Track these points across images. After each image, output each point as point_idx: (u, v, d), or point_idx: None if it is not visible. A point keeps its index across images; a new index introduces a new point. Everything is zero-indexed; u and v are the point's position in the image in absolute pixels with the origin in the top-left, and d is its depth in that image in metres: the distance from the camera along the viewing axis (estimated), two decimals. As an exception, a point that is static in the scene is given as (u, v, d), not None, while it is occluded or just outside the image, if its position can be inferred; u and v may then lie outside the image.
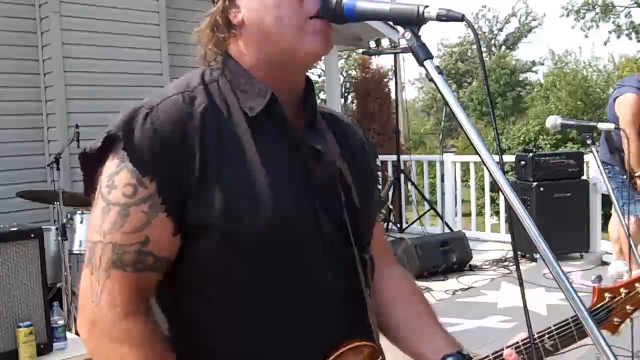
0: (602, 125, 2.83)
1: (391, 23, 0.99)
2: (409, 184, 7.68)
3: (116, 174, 0.95)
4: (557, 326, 1.16)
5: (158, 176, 0.93)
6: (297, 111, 1.06)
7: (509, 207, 0.92)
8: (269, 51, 1.01)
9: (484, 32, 31.82)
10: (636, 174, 4.16)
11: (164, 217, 0.94)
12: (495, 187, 7.11)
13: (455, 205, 7.34)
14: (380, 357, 1.06)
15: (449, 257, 5.44)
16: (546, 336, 1.14)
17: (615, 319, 1.17)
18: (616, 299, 1.16)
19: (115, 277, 0.94)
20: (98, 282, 0.94)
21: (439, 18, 0.94)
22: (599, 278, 1.18)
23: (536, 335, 1.15)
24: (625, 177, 4.32)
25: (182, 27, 6.34)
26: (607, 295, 1.17)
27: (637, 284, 1.18)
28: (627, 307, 1.16)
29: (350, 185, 1.08)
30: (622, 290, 1.17)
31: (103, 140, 0.96)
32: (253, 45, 1.02)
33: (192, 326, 1.01)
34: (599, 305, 1.17)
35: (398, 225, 7.45)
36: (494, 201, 8.42)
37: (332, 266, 1.03)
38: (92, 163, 0.98)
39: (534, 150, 11.14)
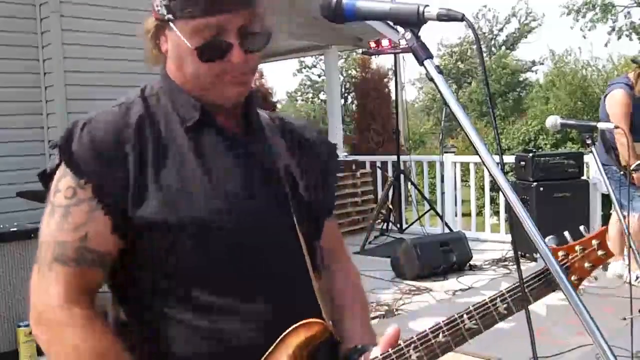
0: (602, 125, 2.83)
1: (391, 23, 0.99)
2: (409, 184, 7.68)
3: (60, 180, 1.07)
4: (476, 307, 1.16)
5: (94, 179, 1.04)
6: (237, 118, 1.17)
7: (508, 207, 0.92)
8: (190, 84, 1.11)
9: (484, 32, 31.83)
10: (632, 167, 4.14)
11: (101, 215, 1.04)
12: (495, 187, 7.11)
13: (455, 206, 7.34)
14: (329, 333, 1.12)
15: (449, 257, 5.44)
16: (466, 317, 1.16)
17: (573, 277, 1.17)
18: (571, 257, 1.17)
19: (58, 271, 1.03)
20: (43, 276, 1.04)
21: (439, 18, 0.94)
22: (554, 239, 1.19)
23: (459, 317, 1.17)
24: (622, 173, 4.33)
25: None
26: (560, 253, 1.17)
27: (593, 241, 1.18)
28: (586, 264, 1.16)
29: (297, 179, 1.17)
30: (577, 247, 1.17)
31: (55, 151, 1.07)
32: (179, 73, 1.12)
33: (151, 319, 1.08)
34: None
35: (398, 225, 7.45)
36: (493, 201, 8.43)
37: (278, 252, 1.11)
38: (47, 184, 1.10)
39: (534, 150, 11.13)
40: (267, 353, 1.07)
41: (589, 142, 2.54)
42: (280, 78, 54.22)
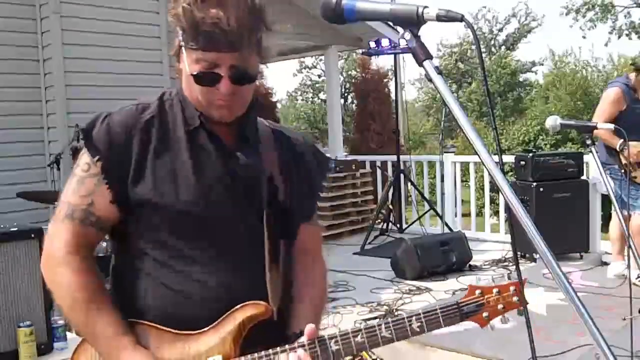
0: (601, 125, 2.83)
1: (391, 23, 0.99)
2: (409, 184, 7.68)
3: (82, 156, 1.36)
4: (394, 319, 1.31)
5: (103, 160, 1.33)
6: (234, 129, 1.40)
7: (508, 208, 0.92)
8: (193, 100, 1.36)
9: (484, 33, 31.81)
10: (618, 147, 4.12)
11: (105, 188, 1.33)
12: (495, 187, 7.10)
13: (455, 206, 7.34)
14: (270, 315, 1.34)
15: (448, 257, 5.43)
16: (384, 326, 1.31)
17: (484, 314, 1.30)
18: (487, 297, 1.30)
19: (67, 225, 1.34)
20: (55, 228, 1.36)
21: (439, 18, 0.94)
22: (478, 280, 1.33)
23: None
24: (623, 171, 4.33)
25: (182, 27, 6.34)
26: (477, 291, 1.31)
27: (511, 287, 1.31)
28: (499, 306, 1.29)
29: (277, 185, 1.41)
30: (494, 290, 1.31)
31: (81, 135, 1.38)
32: (186, 89, 1.38)
33: (133, 278, 1.37)
34: (469, 298, 1.30)
35: (398, 225, 7.45)
36: (493, 201, 8.42)
37: (239, 242, 1.37)
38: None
39: (534, 150, 11.13)
40: (218, 320, 1.32)
41: (589, 142, 2.55)
42: (281, 78, 54.21)
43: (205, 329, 1.32)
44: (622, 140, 3.91)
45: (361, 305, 4.58)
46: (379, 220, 7.35)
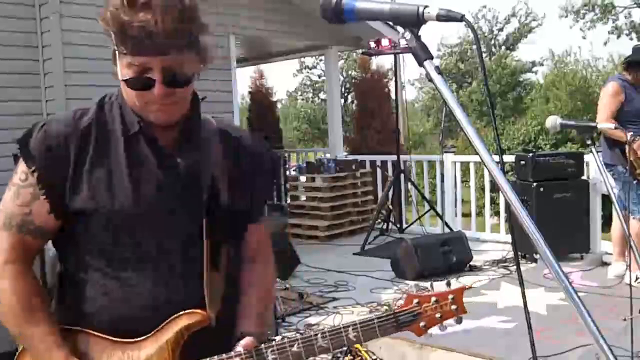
0: (601, 125, 2.83)
1: (391, 23, 0.99)
2: (409, 184, 7.67)
3: (19, 165, 1.36)
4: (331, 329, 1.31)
5: (40, 170, 1.32)
6: (175, 132, 1.38)
7: (509, 208, 0.92)
8: (131, 104, 1.35)
9: (484, 33, 31.80)
10: (629, 140, 4.11)
11: (42, 198, 1.32)
12: (495, 187, 7.11)
13: (455, 206, 7.34)
14: (208, 322, 1.35)
15: (448, 257, 5.43)
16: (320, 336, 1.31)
17: (421, 324, 1.28)
18: (424, 306, 1.28)
19: (4, 234, 1.34)
20: None
21: (439, 18, 0.94)
22: (416, 287, 1.31)
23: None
24: (627, 169, 4.33)
25: (182, 27, 6.33)
26: (415, 301, 1.29)
27: (450, 296, 1.29)
28: (437, 315, 1.27)
29: (219, 187, 1.39)
30: (432, 299, 1.28)
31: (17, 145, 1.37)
32: (122, 94, 1.37)
33: (73, 284, 1.38)
34: (406, 308, 1.28)
35: (398, 225, 7.45)
36: (493, 201, 8.42)
37: (175, 247, 1.35)
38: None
39: (534, 150, 11.12)
40: (158, 328, 1.32)
41: (589, 142, 2.54)
42: (281, 78, 54.20)
43: (145, 337, 1.33)
44: (631, 132, 3.91)
45: (361, 305, 4.58)
46: (379, 220, 7.35)
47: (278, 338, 1.34)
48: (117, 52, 1.31)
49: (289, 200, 8.89)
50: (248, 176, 1.46)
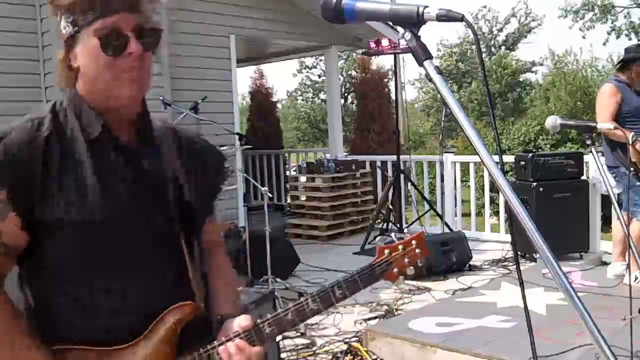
0: (601, 125, 2.83)
1: (391, 23, 0.99)
2: (409, 184, 7.68)
3: None
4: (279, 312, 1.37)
5: (6, 186, 1.23)
6: (133, 131, 1.36)
7: (508, 208, 0.92)
8: (96, 93, 1.29)
9: (484, 33, 31.81)
10: (630, 141, 4.10)
11: (13, 215, 1.24)
12: (495, 187, 7.11)
13: (455, 206, 7.34)
14: (199, 312, 1.37)
15: (448, 257, 5.43)
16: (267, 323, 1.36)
17: (394, 270, 1.40)
18: (394, 254, 1.39)
19: None
20: None
21: (439, 18, 0.94)
22: (382, 240, 1.45)
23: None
24: (633, 170, 4.33)
25: (182, 27, 6.34)
26: (386, 251, 1.40)
27: (413, 241, 1.41)
28: (405, 260, 1.40)
29: (182, 184, 1.39)
30: (399, 247, 1.40)
31: None
32: (86, 86, 1.30)
33: (48, 298, 1.31)
34: (380, 259, 1.39)
35: (398, 225, 7.44)
36: (493, 201, 8.43)
37: (155, 244, 1.33)
38: None
39: (534, 150, 11.14)
40: (148, 329, 1.31)
41: (588, 142, 2.54)
42: (281, 78, 54.24)
43: (135, 340, 1.30)
44: (633, 133, 3.91)
45: (361, 305, 4.58)
46: (379, 220, 7.35)
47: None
48: (77, 33, 1.25)
49: (289, 200, 8.90)
50: (203, 173, 1.47)
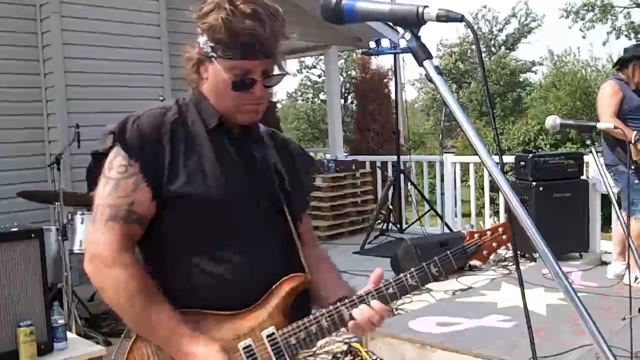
0: (601, 125, 2.83)
1: (391, 23, 0.99)
2: (409, 184, 7.68)
3: (113, 159, 1.42)
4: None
5: (140, 160, 1.40)
6: (245, 127, 1.53)
7: (508, 208, 0.92)
8: (218, 105, 1.48)
9: (484, 33, 31.80)
10: (632, 141, 4.06)
11: (144, 186, 1.40)
12: (495, 187, 7.10)
13: (455, 206, 7.34)
14: (309, 284, 1.50)
15: (448, 257, 5.43)
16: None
17: (484, 252, 1.57)
18: (483, 238, 1.57)
19: (111, 226, 1.39)
20: (98, 230, 1.40)
21: (439, 19, 0.94)
22: (471, 226, 1.63)
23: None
24: (633, 167, 4.33)
25: (183, 27, 6.32)
26: (476, 235, 1.58)
27: (500, 228, 1.59)
28: (493, 244, 1.57)
29: (284, 176, 1.56)
30: (488, 232, 1.58)
31: (109, 137, 1.43)
32: (211, 96, 1.49)
33: (167, 265, 1.45)
34: (471, 241, 1.56)
35: (398, 225, 7.45)
36: (493, 201, 8.42)
37: (269, 228, 1.49)
38: (98, 160, 1.45)
39: (534, 150, 11.14)
40: (263, 297, 1.44)
41: (588, 142, 2.54)
42: (280, 78, 54.05)
43: (251, 307, 1.43)
44: (635, 132, 3.90)
45: (361, 305, 4.58)
46: (379, 220, 7.36)
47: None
48: (213, 58, 1.42)
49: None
50: (297, 172, 1.63)
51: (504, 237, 1.59)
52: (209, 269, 1.42)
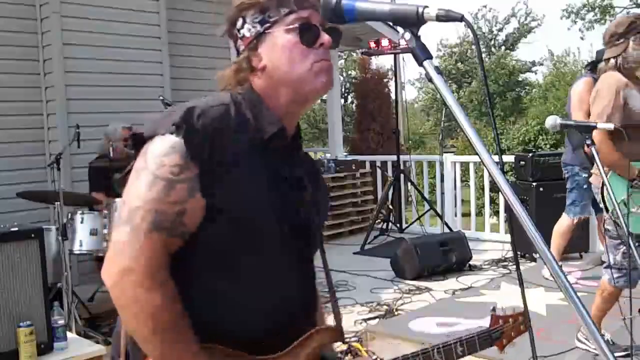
0: (601, 125, 2.83)
1: (391, 23, 0.99)
2: (409, 184, 7.68)
3: (166, 155, 1.16)
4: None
5: (200, 163, 1.16)
6: (294, 138, 1.36)
7: (508, 207, 0.92)
8: (284, 90, 1.28)
9: (484, 33, 31.80)
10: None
11: (199, 196, 1.16)
12: (494, 187, 7.11)
13: (455, 205, 7.34)
14: (342, 339, 1.38)
15: (448, 257, 5.44)
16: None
17: (504, 340, 1.57)
18: (506, 325, 1.57)
19: (153, 237, 1.14)
20: (137, 239, 1.14)
21: (439, 18, 0.94)
22: (494, 308, 1.63)
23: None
24: (586, 176, 4.32)
25: (183, 27, 6.34)
26: (500, 321, 1.58)
27: (520, 317, 1.60)
28: (512, 333, 1.58)
29: (313, 201, 1.37)
30: (510, 320, 1.59)
31: (172, 127, 1.17)
32: (271, 84, 1.28)
33: (199, 293, 1.23)
34: (496, 327, 1.56)
35: (398, 225, 7.45)
36: (493, 201, 8.42)
37: (301, 259, 1.35)
38: (139, 145, 1.21)
39: (534, 150, 11.14)
40: (293, 345, 1.28)
41: (588, 142, 2.54)
42: (280, 78, 54.07)
43: (283, 352, 1.27)
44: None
45: (361, 304, 4.58)
46: (379, 220, 7.36)
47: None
48: (267, 30, 1.27)
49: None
50: (323, 196, 1.50)
51: (521, 327, 1.61)
52: (231, 294, 1.24)
